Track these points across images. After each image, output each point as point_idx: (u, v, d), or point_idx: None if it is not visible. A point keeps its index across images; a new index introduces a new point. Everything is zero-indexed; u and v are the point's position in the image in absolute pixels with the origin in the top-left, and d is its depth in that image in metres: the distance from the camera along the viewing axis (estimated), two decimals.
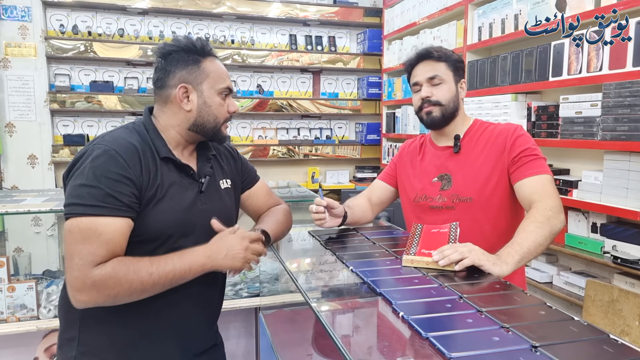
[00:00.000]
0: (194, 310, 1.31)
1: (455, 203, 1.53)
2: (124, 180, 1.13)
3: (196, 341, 1.35)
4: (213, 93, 1.28)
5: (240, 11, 4.29)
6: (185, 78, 1.25)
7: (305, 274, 1.37)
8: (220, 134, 1.33)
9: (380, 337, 0.95)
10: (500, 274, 1.17)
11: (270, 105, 4.42)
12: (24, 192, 2.61)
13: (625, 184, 2.04)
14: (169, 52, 1.26)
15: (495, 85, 2.79)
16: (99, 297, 1.08)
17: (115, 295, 1.08)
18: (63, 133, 3.99)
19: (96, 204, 1.09)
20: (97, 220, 1.09)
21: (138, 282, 1.09)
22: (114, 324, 1.21)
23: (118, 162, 1.14)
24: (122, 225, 1.12)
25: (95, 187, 1.10)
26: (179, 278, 1.14)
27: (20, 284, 2.04)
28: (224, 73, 1.32)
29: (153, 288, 1.12)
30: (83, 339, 1.21)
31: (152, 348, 1.25)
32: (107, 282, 1.06)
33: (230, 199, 1.42)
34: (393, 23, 4.24)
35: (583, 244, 2.33)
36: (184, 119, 1.27)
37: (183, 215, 1.20)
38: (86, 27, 4.01)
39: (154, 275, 1.10)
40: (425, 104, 1.57)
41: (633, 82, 1.95)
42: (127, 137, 1.21)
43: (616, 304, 2.00)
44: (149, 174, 1.18)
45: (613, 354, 0.80)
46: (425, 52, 1.59)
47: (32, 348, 2.07)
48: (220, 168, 1.42)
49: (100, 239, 1.08)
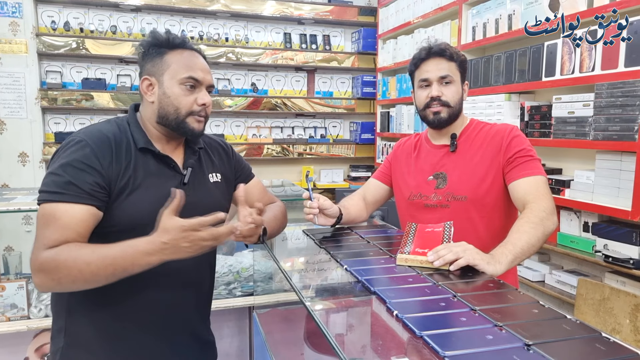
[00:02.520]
0: (185, 295, 1.31)
1: (449, 201, 1.53)
2: (88, 169, 1.15)
3: (187, 332, 1.35)
4: (173, 83, 1.25)
5: (235, 9, 4.27)
6: (149, 70, 1.27)
7: (300, 272, 1.36)
8: (185, 127, 1.27)
9: (374, 336, 0.96)
10: (494, 273, 1.18)
11: (264, 104, 4.41)
12: (15, 191, 2.59)
13: (617, 184, 2.06)
14: (139, 50, 1.29)
15: (488, 85, 2.80)
16: (47, 281, 1.09)
17: (59, 279, 1.08)
18: (54, 131, 3.95)
19: (57, 190, 1.13)
20: (57, 207, 1.12)
21: (76, 270, 1.07)
22: (99, 315, 1.22)
23: (85, 153, 1.16)
24: (82, 212, 1.13)
25: (59, 175, 1.14)
26: (122, 273, 1.08)
27: (10, 283, 2.02)
28: (191, 63, 1.27)
29: (95, 278, 1.08)
30: (70, 330, 1.23)
31: (139, 340, 1.26)
32: (49, 265, 1.07)
33: (220, 193, 1.41)
34: (388, 22, 4.25)
35: (575, 243, 2.35)
36: (150, 111, 1.28)
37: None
38: (78, 23, 3.98)
39: (92, 266, 1.06)
40: (435, 102, 1.54)
41: (625, 82, 1.96)
42: (103, 129, 1.24)
43: (607, 303, 2.02)
44: (120, 165, 1.20)
45: (605, 352, 0.80)
46: (439, 49, 1.54)
47: (23, 348, 2.05)
48: (210, 162, 1.41)
49: (57, 224, 1.10)
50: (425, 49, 1.56)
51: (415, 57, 1.60)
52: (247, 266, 2.37)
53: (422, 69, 1.57)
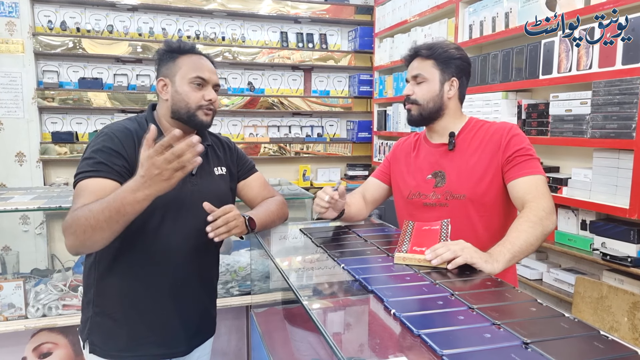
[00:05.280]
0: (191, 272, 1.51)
1: (448, 200, 1.53)
2: (115, 154, 1.36)
3: (194, 303, 1.54)
4: (184, 82, 1.46)
5: (231, 8, 4.26)
6: (164, 72, 1.49)
7: (297, 271, 1.36)
8: (196, 119, 1.47)
9: (371, 335, 0.95)
10: (492, 271, 1.18)
11: (261, 103, 4.40)
12: (12, 190, 2.58)
13: (614, 182, 2.06)
14: (156, 56, 1.51)
15: (486, 83, 2.80)
16: (68, 236, 1.26)
17: (74, 232, 1.24)
18: (51, 130, 3.93)
19: (89, 169, 1.33)
20: (89, 181, 1.32)
21: (84, 219, 1.22)
22: (122, 288, 1.44)
23: (113, 141, 1.38)
24: (110, 185, 1.31)
25: (92, 159, 1.35)
26: (116, 214, 1.21)
27: (8, 282, 2.01)
28: (199, 65, 1.48)
29: (98, 224, 1.21)
30: (97, 301, 1.45)
31: (154, 308, 1.46)
32: (69, 222, 1.26)
33: (225, 185, 1.60)
34: (384, 21, 4.24)
35: (572, 241, 2.35)
36: (165, 108, 1.49)
37: (170, 192, 1.27)
38: (75, 23, 3.96)
39: (93, 211, 1.22)
40: (406, 101, 1.61)
41: (622, 80, 1.96)
42: (127, 124, 1.46)
43: (605, 301, 2.02)
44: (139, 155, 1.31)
45: (603, 350, 0.80)
46: (415, 50, 1.61)
47: (21, 348, 2.04)
48: (216, 156, 1.60)
49: (86, 192, 1.30)
50: (410, 50, 1.64)
51: (405, 59, 1.68)
52: (245, 265, 2.36)
53: (407, 70, 1.65)
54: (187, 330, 1.53)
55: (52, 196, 2.28)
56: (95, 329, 1.46)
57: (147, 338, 1.46)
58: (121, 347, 1.45)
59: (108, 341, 1.45)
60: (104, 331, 1.45)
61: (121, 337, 1.45)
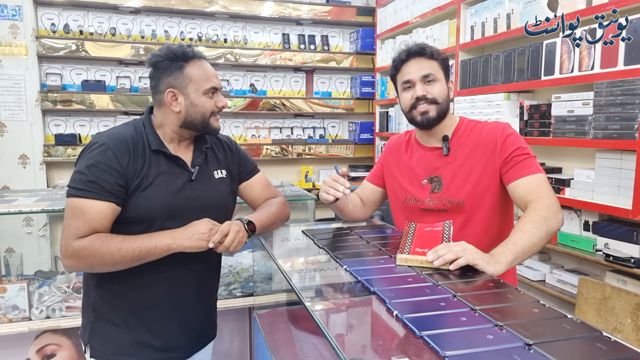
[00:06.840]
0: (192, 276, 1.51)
1: (447, 206, 1.51)
2: (109, 170, 1.33)
3: (194, 308, 1.54)
4: (199, 94, 1.44)
5: (233, 10, 4.27)
6: (172, 84, 1.42)
7: (299, 273, 1.36)
8: (210, 127, 1.49)
9: (374, 336, 0.95)
10: (494, 272, 1.18)
11: (263, 105, 4.41)
12: (15, 192, 2.59)
13: (617, 182, 2.06)
14: (155, 63, 1.43)
15: (487, 85, 2.80)
16: (78, 264, 1.32)
17: (90, 264, 1.31)
18: (55, 133, 3.95)
19: (83, 187, 1.32)
20: (84, 202, 1.32)
21: (108, 255, 1.29)
22: (122, 293, 1.43)
23: (107, 155, 1.34)
24: (104, 207, 1.33)
25: (84, 174, 1.33)
26: (145, 254, 1.33)
27: (12, 284, 2.02)
28: (208, 74, 1.46)
29: (123, 261, 1.31)
30: (97, 305, 1.46)
31: (154, 318, 1.46)
32: (83, 252, 1.29)
33: (225, 188, 1.57)
34: (386, 22, 4.24)
35: (575, 242, 2.34)
36: (175, 118, 1.45)
37: (169, 200, 1.39)
38: (78, 26, 3.98)
39: (122, 251, 1.30)
40: (421, 102, 1.50)
41: (624, 80, 1.96)
42: (122, 132, 1.42)
43: (608, 302, 2.02)
44: (136, 164, 1.38)
45: (606, 352, 0.80)
46: (418, 48, 1.51)
47: (24, 350, 2.05)
48: (215, 159, 1.58)
49: (84, 217, 1.31)
50: (405, 51, 1.53)
51: (395, 60, 1.56)
52: (247, 267, 2.37)
53: (404, 71, 1.53)
54: (187, 334, 1.53)
55: (55, 198, 2.29)
56: (95, 333, 1.46)
57: (148, 343, 1.46)
58: (122, 352, 1.45)
59: (108, 346, 1.45)
60: (105, 336, 1.46)
61: (122, 342, 1.45)
